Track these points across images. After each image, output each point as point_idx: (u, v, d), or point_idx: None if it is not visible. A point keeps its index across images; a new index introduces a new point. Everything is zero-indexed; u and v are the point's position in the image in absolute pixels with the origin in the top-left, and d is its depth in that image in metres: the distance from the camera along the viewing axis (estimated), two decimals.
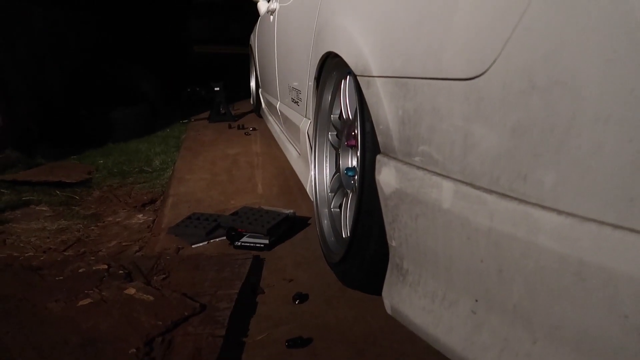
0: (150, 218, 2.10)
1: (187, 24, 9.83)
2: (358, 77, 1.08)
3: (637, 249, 0.50)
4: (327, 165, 1.58)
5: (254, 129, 4.09)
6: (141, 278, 1.46)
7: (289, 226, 1.84)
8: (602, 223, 0.54)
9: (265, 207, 1.98)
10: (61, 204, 2.32)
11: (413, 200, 0.85)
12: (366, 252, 1.13)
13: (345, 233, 1.39)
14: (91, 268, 1.54)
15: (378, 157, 1.00)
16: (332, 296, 1.38)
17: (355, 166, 1.43)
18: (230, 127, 4.27)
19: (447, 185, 0.76)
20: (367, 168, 1.05)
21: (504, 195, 0.66)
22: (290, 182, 2.54)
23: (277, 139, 3.10)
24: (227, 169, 2.87)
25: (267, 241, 1.69)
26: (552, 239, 0.58)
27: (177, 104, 5.60)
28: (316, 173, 1.59)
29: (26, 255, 1.74)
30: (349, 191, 1.41)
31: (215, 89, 4.51)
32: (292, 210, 1.90)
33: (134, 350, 1.09)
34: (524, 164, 0.63)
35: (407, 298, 0.91)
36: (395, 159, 0.94)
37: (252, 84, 4.73)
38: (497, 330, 0.70)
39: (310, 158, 1.67)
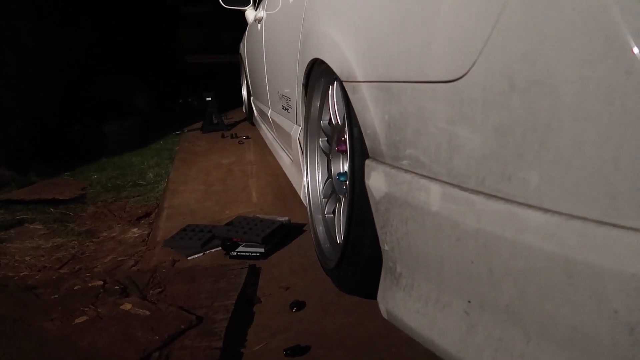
0: (145, 232, 2.09)
1: (178, 34, 9.84)
2: (344, 83, 1.09)
3: (622, 244, 0.50)
4: (319, 171, 1.58)
5: (247, 138, 4.09)
6: (137, 293, 1.45)
7: (284, 234, 1.84)
8: (586, 220, 0.54)
9: (260, 216, 1.98)
10: (55, 221, 2.31)
11: (403, 203, 0.85)
12: (360, 257, 1.13)
13: (339, 238, 1.39)
14: (87, 285, 1.53)
15: (367, 162, 1.00)
16: (329, 302, 1.38)
17: (347, 171, 1.43)
18: (223, 136, 4.27)
19: (435, 188, 0.76)
20: (357, 173, 1.05)
21: (490, 196, 0.66)
22: (285, 190, 2.54)
23: (270, 146, 3.10)
24: (221, 178, 2.87)
25: (262, 250, 1.69)
26: (539, 237, 0.58)
27: (170, 115, 5.59)
28: (309, 179, 1.59)
29: (21, 274, 1.73)
30: (341, 196, 1.41)
31: (207, 99, 4.51)
32: (286, 218, 1.90)
33: None
34: (508, 164, 0.63)
35: (401, 302, 0.91)
36: (383, 163, 0.94)
37: (244, 92, 4.73)
38: (490, 331, 0.70)
39: (303, 164, 1.67)
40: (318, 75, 1.45)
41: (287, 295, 1.44)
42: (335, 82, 1.36)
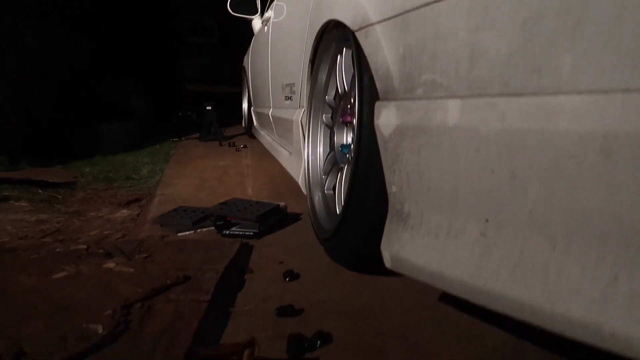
0: (135, 212, 2.02)
1: (180, 62, 9.97)
2: (356, 33, 1.06)
3: None
4: (321, 146, 1.54)
5: (245, 147, 4.06)
6: (122, 257, 1.38)
7: (280, 218, 1.78)
8: (627, 90, 0.50)
9: (255, 200, 1.92)
10: (42, 201, 2.24)
11: (416, 131, 0.81)
12: (362, 213, 1.07)
13: (338, 209, 1.34)
14: (69, 248, 1.45)
15: (377, 103, 0.96)
16: (325, 275, 1.30)
17: (350, 143, 1.39)
18: (221, 144, 4.24)
19: (453, 104, 0.72)
20: (366, 119, 1.01)
21: (516, 95, 0.62)
22: (281, 188, 2.48)
23: (269, 147, 3.07)
24: (216, 176, 2.81)
25: (256, 230, 1.62)
26: (573, 120, 0.54)
27: (168, 125, 5.58)
28: (309, 154, 1.55)
29: (1, 240, 1.65)
30: (343, 165, 1.36)
31: (207, 107, 4.51)
32: (283, 203, 1.84)
33: (110, 312, 1.01)
34: (538, 56, 0.59)
35: (408, 242, 0.85)
36: (395, 99, 0.90)
37: (244, 105, 4.74)
38: (510, 247, 0.64)
39: (303, 143, 1.63)
40: (327, 43, 1.43)
41: (280, 268, 1.36)
42: (344, 49, 1.34)
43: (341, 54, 1.36)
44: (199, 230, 1.71)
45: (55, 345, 0.89)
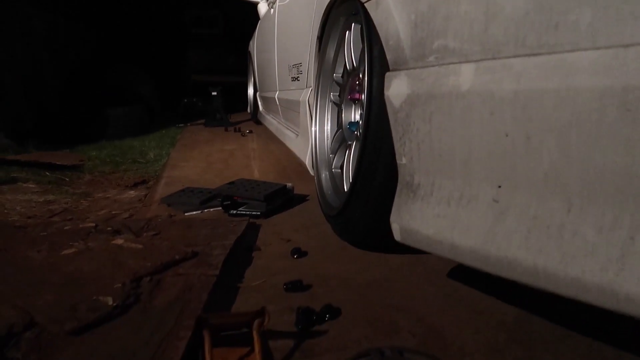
0: (143, 193, 2.03)
1: (186, 53, 9.93)
2: (366, 5, 1.05)
3: None
4: (329, 124, 1.53)
5: (250, 132, 4.05)
6: (130, 234, 1.38)
7: (287, 199, 1.77)
8: None
9: (262, 180, 1.91)
10: (50, 182, 2.24)
11: (427, 99, 0.80)
12: (371, 187, 1.06)
13: (346, 187, 1.33)
14: (77, 226, 1.46)
15: (387, 74, 0.95)
16: (333, 253, 1.30)
17: (359, 120, 1.37)
18: (226, 130, 4.23)
19: (467, 67, 0.71)
20: (376, 91, 1.00)
21: (532, 55, 0.60)
22: (288, 170, 2.48)
23: (275, 131, 3.06)
24: (223, 159, 2.81)
25: (264, 209, 1.62)
26: (591, 76, 0.53)
27: (174, 113, 5.57)
28: (317, 130, 1.54)
29: (10, 219, 1.65)
30: (351, 143, 1.35)
31: (213, 93, 4.50)
32: (290, 184, 1.84)
33: (119, 285, 1.01)
34: (555, 11, 0.57)
35: (418, 212, 0.84)
36: (406, 69, 0.89)
37: (250, 90, 4.72)
38: (523, 211, 0.63)
39: (311, 122, 1.61)
40: (335, 19, 1.41)
41: (288, 246, 1.36)
42: (352, 25, 1.32)
43: (349, 29, 1.35)
44: (206, 210, 1.71)
45: (65, 315, 0.89)
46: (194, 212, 1.69)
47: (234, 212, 1.64)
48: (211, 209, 1.72)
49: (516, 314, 0.95)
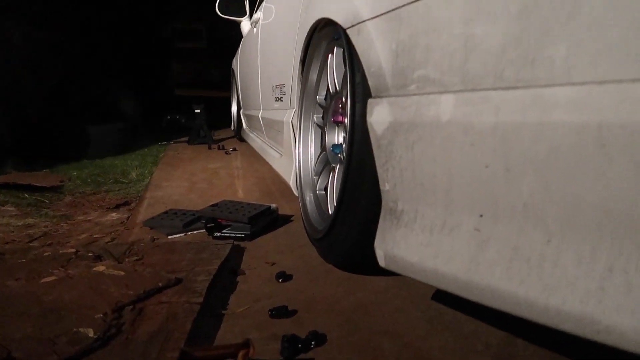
0: (125, 215, 2.00)
1: (170, 66, 9.90)
2: (348, 31, 1.06)
3: None
4: (312, 146, 1.53)
5: (234, 149, 4.04)
6: (112, 260, 1.36)
7: (271, 220, 1.77)
8: (621, 81, 0.50)
9: (246, 201, 1.90)
10: (29, 205, 2.20)
11: (409, 127, 0.81)
12: (356, 210, 1.07)
13: (330, 210, 1.33)
14: (57, 252, 1.43)
15: (369, 101, 0.96)
16: (318, 276, 1.30)
17: (342, 142, 1.38)
18: (210, 147, 4.22)
19: (447, 98, 0.72)
20: (358, 117, 1.01)
21: (510, 88, 0.62)
22: (272, 188, 2.47)
23: (259, 150, 3.06)
24: (206, 178, 2.79)
25: (248, 232, 1.61)
26: (567, 111, 0.54)
27: (156, 130, 5.53)
28: (301, 153, 1.54)
29: None
30: (334, 165, 1.36)
31: (196, 110, 4.48)
32: (274, 205, 1.83)
33: (101, 315, 0.99)
34: (532, 47, 0.59)
35: (402, 239, 0.85)
36: (388, 96, 0.90)
37: (234, 108, 4.73)
38: (504, 241, 0.64)
39: (295, 143, 1.62)
40: (317, 42, 1.43)
41: (273, 269, 1.35)
42: (335, 48, 1.33)
43: (332, 52, 1.36)
44: (189, 233, 1.69)
45: (45, 349, 0.87)
46: (178, 235, 1.67)
47: (218, 234, 1.63)
48: (195, 232, 1.70)
49: (502, 337, 0.96)
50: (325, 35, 1.38)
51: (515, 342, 0.94)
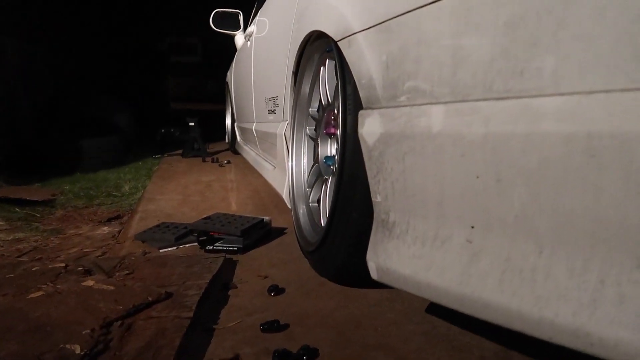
0: (116, 229, 1.98)
1: (165, 80, 9.92)
2: (339, 43, 1.06)
3: None
4: (305, 158, 1.53)
5: (228, 162, 4.03)
6: (102, 274, 1.34)
7: (264, 232, 1.76)
8: (609, 91, 0.50)
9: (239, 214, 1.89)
10: (20, 219, 2.18)
11: (400, 138, 0.80)
12: (348, 222, 1.06)
13: (323, 221, 1.32)
14: (46, 267, 1.41)
15: (360, 112, 0.96)
16: (310, 289, 1.28)
17: (334, 154, 1.38)
18: (204, 160, 4.21)
19: (437, 109, 0.72)
20: (350, 129, 1.00)
21: (499, 99, 0.62)
22: (265, 201, 2.46)
23: (252, 163, 3.05)
24: (200, 191, 2.78)
25: (240, 245, 1.60)
26: (556, 122, 0.54)
27: (151, 143, 5.51)
28: (293, 165, 1.53)
29: None
30: (327, 177, 1.35)
31: (190, 123, 4.48)
32: (267, 217, 1.82)
33: (89, 331, 0.97)
34: (520, 58, 0.59)
35: (394, 251, 0.84)
36: (379, 108, 0.90)
37: (228, 120, 4.73)
38: (496, 253, 0.63)
39: (287, 155, 1.61)
40: (310, 55, 1.43)
41: (265, 282, 1.34)
42: (327, 61, 1.34)
43: (324, 65, 1.36)
44: (181, 246, 1.68)
45: None
46: (169, 249, 1.65)
47: (210, 247, 1.61)
48: (187, 245, 1.69)
49: (496, 350, 0.95)
50: (317, 48, 1.38)
51: (510, 355, 0.93)
